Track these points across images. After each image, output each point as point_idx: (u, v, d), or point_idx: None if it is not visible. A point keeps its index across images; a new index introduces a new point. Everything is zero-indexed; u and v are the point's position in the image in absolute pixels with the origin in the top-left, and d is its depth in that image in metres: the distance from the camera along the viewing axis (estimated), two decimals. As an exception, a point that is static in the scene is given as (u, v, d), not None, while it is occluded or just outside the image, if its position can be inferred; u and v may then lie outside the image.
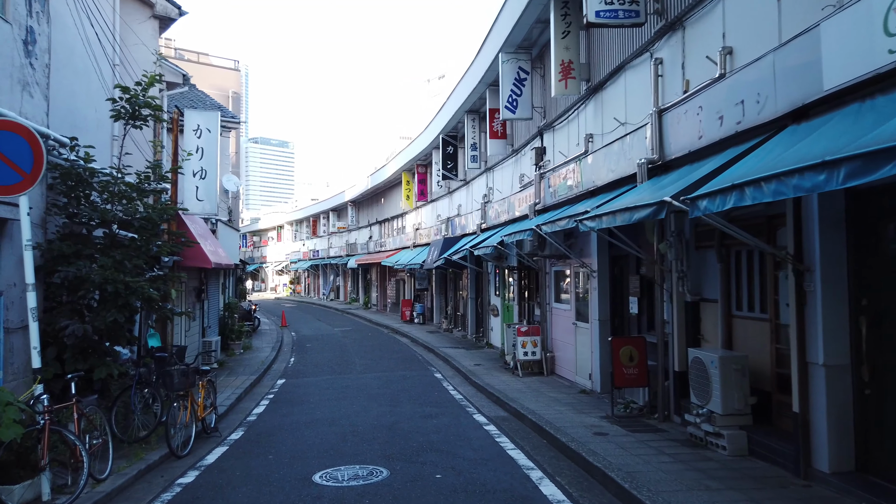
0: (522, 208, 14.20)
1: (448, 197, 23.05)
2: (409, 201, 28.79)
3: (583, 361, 11.22)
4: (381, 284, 35.48)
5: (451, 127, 20.55)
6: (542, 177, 13.01)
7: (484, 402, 10.77)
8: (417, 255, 25.29)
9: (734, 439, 6.41)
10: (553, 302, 12.96)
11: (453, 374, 14.16)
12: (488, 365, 14.49)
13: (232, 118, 18.88)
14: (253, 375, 13.81)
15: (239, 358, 16.79)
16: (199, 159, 11.88)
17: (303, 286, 56.49)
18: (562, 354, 12.47)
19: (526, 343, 12.81)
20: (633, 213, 6.23)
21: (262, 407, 10.74)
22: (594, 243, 10.76)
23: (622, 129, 9.52)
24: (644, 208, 6.01)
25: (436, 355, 17.33)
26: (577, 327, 11.54)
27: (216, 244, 14.44)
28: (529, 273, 14.95)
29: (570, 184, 11.26)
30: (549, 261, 13.09)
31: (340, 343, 20.90)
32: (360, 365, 15.78)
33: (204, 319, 15.36)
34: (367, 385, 12.66)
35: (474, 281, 20.51)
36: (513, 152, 15.81)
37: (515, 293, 15.77)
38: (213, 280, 17.04)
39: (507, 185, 16.29)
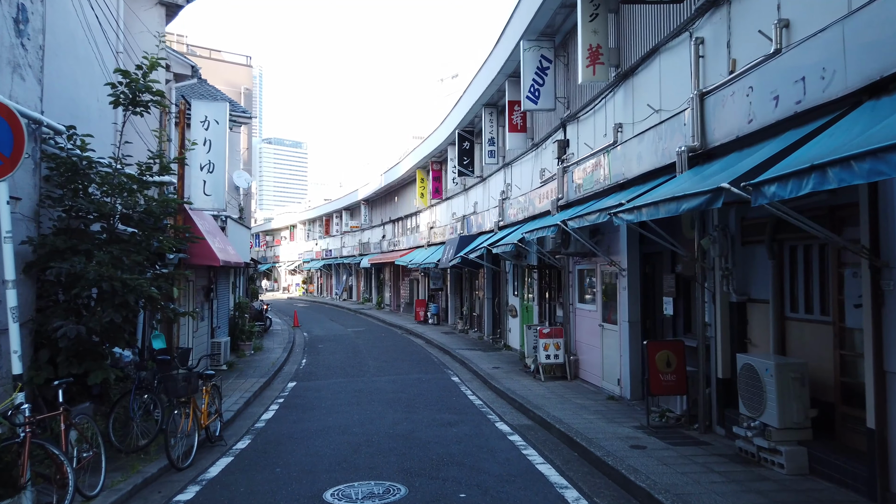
0: (543, 204, 13.55)
1: (464, 194, 22.43)
2: (423, 199, 28.21)
3: (610, 366, 10.55)
4: (395, 284, 34.93)
5: (468, 121, 19.92)
6: (565, 171, 12.36)
7: (505, 408, 10.13)
8: (432, 255, 24.71)
9: (793, 456, 5.73)
10: (577, 302, 12.29)
11: (471, 377, 13.54)
12: (507, 368, 13.85)
13: (243, 113, 18.43)
14: (263, 378, 13.28)
15: (249, 359, 16.28)
16: (207, 152, 11.36)
17: (315, 286, 56.11)
18: (586, 358, 11.81)
19: (548, 346, 12.16)
20: (682, 203, 5.57)
21: (271, 412, 10.18)
22: (623, 240, 10.08)
23: (656, 116, 8.85)
24: (695, 197, 5.35)
25: (452, 357, 16.72)
26: (604, 329, 10.87)
27: (225, 241, 13.93)
28: (551, 272, 14.30)
29: (597, 177, 10.60)
30: (572, 259, 12.42)
31: (353, 344, 20.35)
32: (373, 367, 15.20)
33: (213, 319, 14.86)
34: (381, 389, 12.07)
35: (491, 280, 19.88)
36: (533, 146, 15.16)
37: (535, 293, 15.11)
38: (223, 279, 16.55)
39: (526, 181, 15.64)
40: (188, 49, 27.75)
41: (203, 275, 14.05)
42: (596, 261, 11.29)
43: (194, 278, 13.15)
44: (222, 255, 12.22)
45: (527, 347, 13.53)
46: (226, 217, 15.04)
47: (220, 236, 13.70)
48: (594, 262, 11.42)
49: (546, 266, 14.38)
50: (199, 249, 11.46)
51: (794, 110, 5.67)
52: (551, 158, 13.72)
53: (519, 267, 16.64)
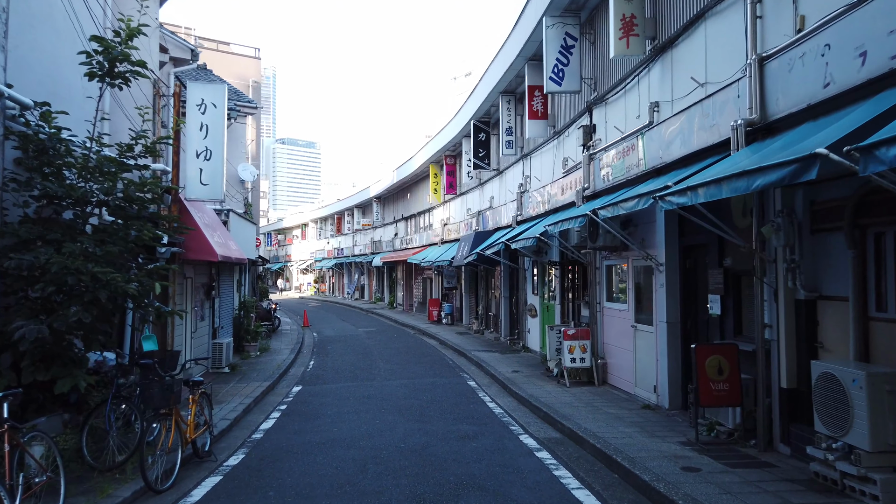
0: (567, 195, 12.57)
1: (479, 189, 21.46)
2: (436, 195, 27.28)
3: (645, 371, 9.54)
4: (407, 283, 34.03)
5: (484, 111, 18.95)
6: (591, 158, 11.36)
7: (529, 417, 9.16)
8: (445, 252, 23.78)
9: (890, 486, 4.72)
10: (605, 301, 11.28)
11: (489, 381, 12.57)
12: (527, 372, 12.86)
13: (248, 103, 17.61)
14: (266, 382, 12.40)
15: (254, 361, 15.43)
16: (204, 138, 10.49)
17: (327, 285, 55.38)
18: (616, 362, 10.80)
19: (573, 348, 11.16)
20: (755, 179, 4.56)
21: (271, 421, 9.28)
22: (661, 231, 9.07)
23: (701, 91, 7.83)
24: (775, 170, 4.34)
25: (467, 359, 15.77)
26: (637, 331, 9.86)
27: (227, 236, 13.08)
28: (575, 268, 13.29)
29: (629, 163, 9.60)
30: (600, 254, 11.42)
31: (364, 345, 19.45)
32: (384, 370, 14.28)
33: (214, 319, 14.01)
34: (392, 394, 11.14)
35: (508, 278, 18.89)
36: (554, 134, 14.16)
37: (557, 291, 14.12)
38: (227, 276, 15.72)
39: (547, 172, 14.65)
40: (196, 41, 27.10)
41: (203, 271, 13.20)
42: (627, 255, 10.28)
43: (193, 275, 12.31)
44: (222, 250, 11.36)
45: (549, 350, 12.54)
46: (228, 211, 14.19)
47: (222, 231, 12.85)
48: (625, 257, 10.42)
49: (569, 262, 13.38)
50: (195, 243, 10.60)
51: (890, 66, 4.67)
52: (575, 146, 12.74)
53: (539, 264, 15.65)
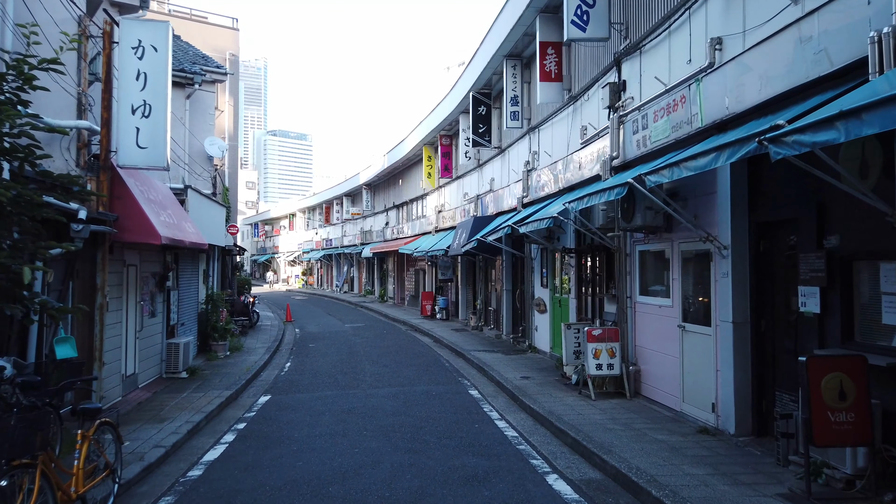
0: (588, 169, 10.54)
1: (478, 171, 19.39)
2: (430, 179, 25.19)
3: (697, 383, 7.53)
4: (399, 275, 31.96)
5: (485, 80, 16.84)
6: (620, 122, 9.33)
7: (553, 445, 7.13)
8: (440, 241, 21.74)
9: None
10: (638, 295, 9.26)
11: (494, 390, 10.55)
12: (539, 378, 10.85)
13: (217, 68, 15.45)
14: (228, 390, 10.33)
15: (221, 363, 13.34)
16: (141, 89, 8.35)
17: (315, 278, 53.19)
18: (653, 369, 8.79)
19: (599, 352, 9.15)
20: None
21: (219, 448, 7.21)
22: (725, 204, 7.03)
23: (795, 9, 5.78)
24: None
25: (466, 361, 13.74)
26: (686, 332, 7.84)
27: (182, 217, 10.95)
28: (596, 256, 11.26)
29: (677, 121, 7.57)
30: (631, 238, 9.40)
31: (350, 343, 17.39)
32: (370, 374, 12.23)
33: (170, 315, 11.90)
34: (379, 408, 9.10)
35: (511, 269, 16.86)
36: (570, 99, 12.10)
37: (572, 284, 12.09)
38: (189, 265, 13.59)
39: (560, 145, 12.60)
40: (170, 12, 24.81)
41: (154, 258, 11.08)
42: (671, 238, 8.25)
43: (138, 262, 10.19)
44: (169, 231, 9.25)
45: (565, 353, 10.53)
46: (186, 188, 12.05)
47: (175, 210, 10.72)
48: (667, 240, 8.38)
49: (590, 249, 11.35)
50: (132, 222, 8.49)
51: None
52: (597, 110, 10.70)
53: (549, 252, 13.62)
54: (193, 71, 14.17)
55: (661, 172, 6.38)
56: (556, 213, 9.69)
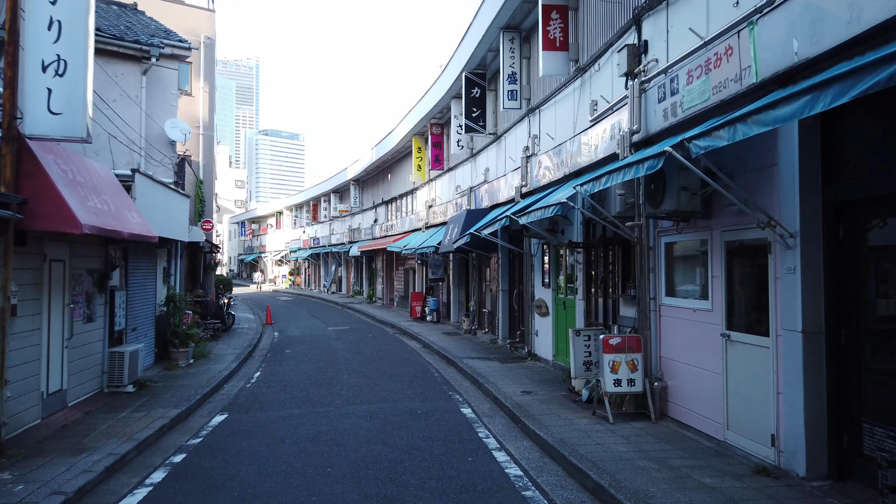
0: (601, 149, 9.02)
1: (471, 161, 17.83)
2: (420, 172, 23.62)
3: (749, 407, 5.99)
4: (388, 275, 30.36)
5: (479, 59, 15.27)
6: (642, 90, 7.82)
7: (569, 490, 5.55)
8: (430, 238, 20.20)
9: None
10: (664, 296, 7.71)
11: (491, 408, 8.98)
12: (543, 393, 9.30)
13: (179, 42, 13.77)
14: (177, 408, 8.73)
15: (180, 373, 11.71)
16: (55, 41, 6.74)
17: (303, 277, 51.47)
18: (683, 386, 7.25)
19: (618, 364, 7.60)
20: None
21: (139, 494, 5.60)
22: (791, 178, 5.47)
23: None
24: None
25: (458, 370, 12.18)
26: (732, 343, 6.30)
27: (124, 205, 9.31)
28: (610, 250, 9.72)
29: (721, 78, 6.05)
30: (656, 227, 7.85)
31: (330, 349, 15.78)
32: (348, 386, 10.65)
33: (115, 320, 10.26)
34: (351, 433, 7.52)
35: (507, 267, 15.32)
36: (577, 71, 10.56)
37: (580, 283, 10.54)
38: (143, 262, 11.96)
39: (565, 125, 11.06)
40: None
41: (91, 252, 9.44)
42: (711, 225, 6.71)
43: (66, 256, 8.55)
44: (98, 219, 7.62)
45: (574, 364, 8.98)
46: (133, 172, 10.40)
47: (113, 196, 9.08)
48: (705, 229, 6.84)
49: (602, 242, 9.81)
50: (44, 206, 6.86)
51: None
52: (611, 80, 9.18)
53: (551, 247, 12.08)
54: (150, 43, 12.55)
55: (715, 134, 4.82)
56: (566, 197, 8.12)
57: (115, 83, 12.43)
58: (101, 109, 12.06)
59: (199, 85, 21.84)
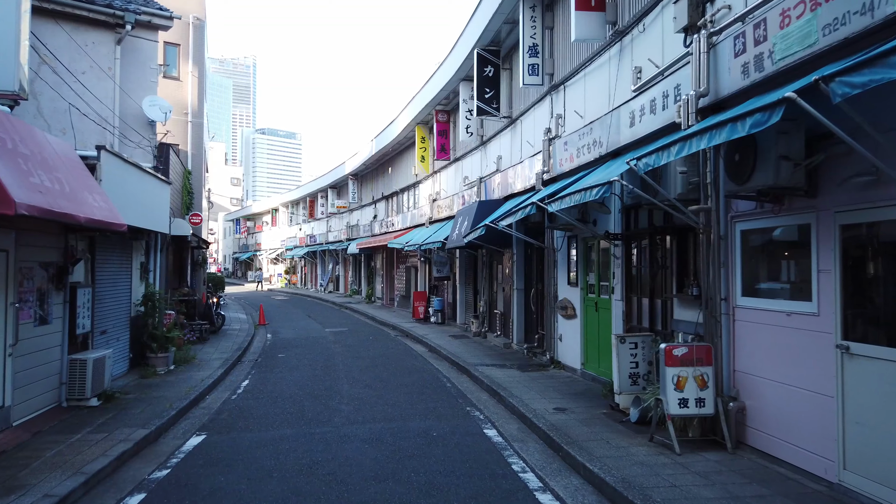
0: (646, 122, 7.63)
1: (481, 149, 16.39)
2: (424, 164, 22.17)
3: (878, 443, 4.56)
4: (388, 273, 28.90)
5: (493, 33, 13.82)
6: (710, 44, 6.41)
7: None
8: (435, 233, 18.77)
9: None
10: (739, 296, 6.28)
11: (520, 429, 7.54)
12: (580, 410, 7.88)
13: (159, 10, 12.31)
14: (146, 428, 7.31)
15: (158, 381, 10.26)
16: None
17: (299, 276, 49.96)
18: (768, 407, 5.82)
19: (684, 380, 6.17)
20: None
21: (69, 563, 4.16)
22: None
23: None
24: None
25: (472, 379, 10.75)
26: (852, 357, 4.86)
27: (84, 186, 7.83)
28: (658, 241, 8.28)
29: (844, 10, 4.63)
30: (729, 212, 6.42)
31: (328, 353, 14.33)
32: (348, 399, 9.20)
33: (78, 322, 8.78)
34: (354, 463, 6.07)
35: (523, 263, 13.90)
36: (616, 35, 9.13)
37: (619, 280, 9.10)
38: (115, 255, 10.49)
39: (598, 100, 9.65)
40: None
41: (43, 243, 7.98)
42: (817, 205, 5.27)
43: (12, 246, 7.09)
44: (43, 199, 6.16)
45: (618, 376, 7.56)
46: (98, 149, 8.92)
47: (71, 176, 7.61)
48: (808, 210, 5.39)
49: (650, 232, 8.38)
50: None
51: None
52: (661, 41, 7.79)
53: (579, 240, 10.65)
54: (124, 8, 11.08)
55: (879, 64, 3.39)
56: (617, 174, 6.67)
57: (84, 53, 10.97)
58: (68, 82, 10.61)
59: (188, 69, 20.36)
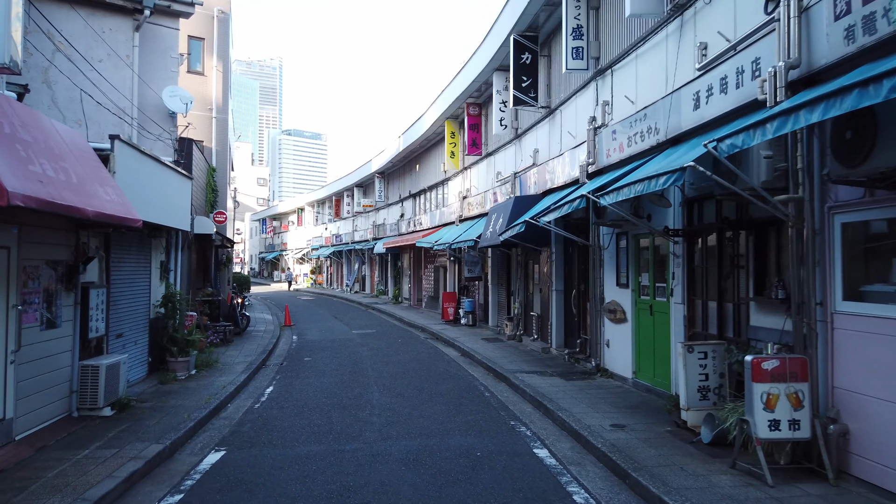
0: (715, 103, 6.71)
1: (515, 143, 15.55)
2: (453, 160, 21.38)
3: None
4: (415, 273, 28.17)
5: (530, 17, 12.95)
6: (802, 7, 5.51)
7: None
8: (466, 232, 18.00)
9: None
10: (839, 301, 5.35)
11: (574, 448, 6.69)
12: (639, 426, 7.00)
13: (180, -5, 11.76)
14: (159, 443, 6.65)
15: (177, 388, 9.65)
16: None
17: (325, 276, 49.55)
18: (878, 431, 4.90)
19: (775, 398, 5.27)
20: None
21: None
22: None
23: None
24: None
25: (512, 388, 9.93)
26: None
27: (94, 178, 7.19)
28: (727, 236, 7.36)
29: None
30: (825, 199, 5.49)
31: (355, 356, 13.62)
32: (380, 409, 8.45)
33: (90, 325, 8.17)
34: (391, 492, 5.29)
35: (562, 263, 13.03)
36: (676, 10, 8.21)
37: (679, 281, 8.18)
38: (132, 254, 9.89)
39: (652, 83, 8.76)
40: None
41: (50, 239, 7.36)
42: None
43: (15, 242, 6.47)
44: (43, 190, 5.50)
45: (686, 389, 6.67)
46: (112, 139, 8.28)
47: (79, 166, 6.97)
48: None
49: (719, 226, 7.46)
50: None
51: None
52: (733, 11, 6.91)
53: (630, 237, 9.75)
54: (143, -8, 10.49)
55: None
56: (690, 160, 5.78)
57: (101, 40, 10.40)
58: (84, 71, 10.03)
59: (212, 63, 19.87)
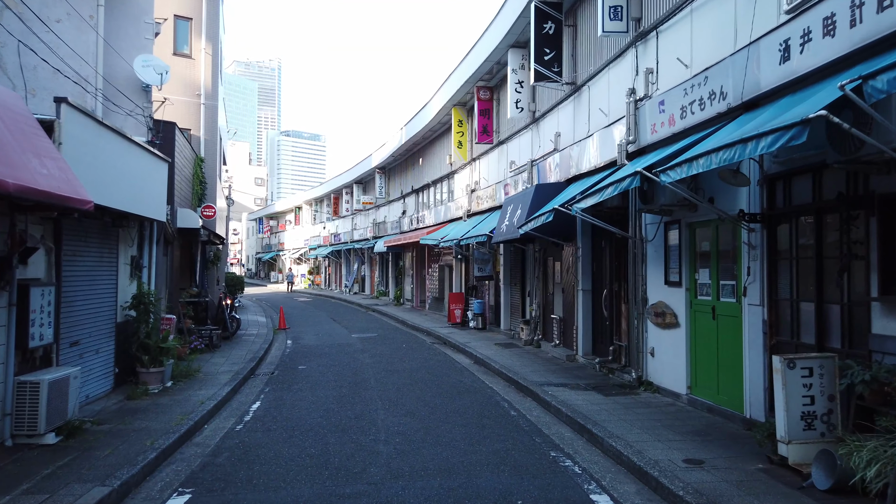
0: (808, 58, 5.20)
1: (532, 128, 14.04)
2: (461, 150, 19.87)
3: None
4: (418, 273, 26.64)
5: (556, -20, 11.48)
6: None
7: None
8: (475, 228, 16.52)
9: None
10: None
11: (640, 492, 5.16)
12: (721, 461, 5.47)
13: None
14: (105, 485, 5.16)
15: (145, 405, 8.12)
16: None
17: (323, 277, 48.00)
18: None
19: (948, 439, 3.74)
20: None
21: None
22: None
23: None
24: None
25: (542, 405, 8.40)
26: None
27: (32, 148, 5.65)
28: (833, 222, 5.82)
29: None
30: None
31: (356, 364, 12.09)
32: (386, 432, 6.92)
33: (32, 332, 6.63)
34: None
35: (590, 259, 11.53)
36: (750, -55, 6.70)
37: (756, 277, 6.65)
38: (93, 247, 8.35)
39: (715, 41, 7.25)
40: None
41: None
42: None
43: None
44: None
45: (785, 417, 5.15)
46: (58, 103, 6.74)
47: (11, 131, 5.43)
48: None
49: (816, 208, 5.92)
50: None
51: None
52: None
53: (684, 226, 8.22)
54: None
55: None
56: (814, 111, 4.25)
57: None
58: (38, 33, 8.49)
59: (201, 45, 18.34)
